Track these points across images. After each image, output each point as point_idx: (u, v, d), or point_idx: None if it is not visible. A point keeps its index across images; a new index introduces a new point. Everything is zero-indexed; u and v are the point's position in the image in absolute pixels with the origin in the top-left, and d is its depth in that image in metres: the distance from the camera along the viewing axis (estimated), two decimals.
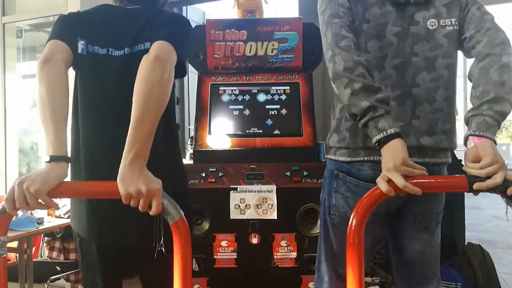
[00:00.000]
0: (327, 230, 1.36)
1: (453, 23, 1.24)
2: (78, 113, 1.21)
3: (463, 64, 1.45)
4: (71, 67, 1.21)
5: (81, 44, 1.18)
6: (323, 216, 1.37)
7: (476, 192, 1.02)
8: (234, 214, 2.05)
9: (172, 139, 1.26)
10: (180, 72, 1.17)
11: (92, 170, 1.17)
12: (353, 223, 1.00)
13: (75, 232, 1.28)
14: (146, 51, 1.09)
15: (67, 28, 1.20)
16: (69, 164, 1.05)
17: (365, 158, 1.24)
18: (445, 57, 1.24)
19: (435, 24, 1.24)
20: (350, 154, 1.28)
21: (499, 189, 1.00)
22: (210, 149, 2.18)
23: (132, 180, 0.94)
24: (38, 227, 2.43)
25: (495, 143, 1.06)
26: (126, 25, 1.21)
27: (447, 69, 1.25)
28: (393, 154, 1.05)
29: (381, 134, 1.09)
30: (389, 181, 1.02)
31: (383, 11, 1.24)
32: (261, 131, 2.22)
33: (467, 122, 1.13)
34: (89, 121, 1.19)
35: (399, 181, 1.00)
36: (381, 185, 1.01)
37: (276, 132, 2.21)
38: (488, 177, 1.00)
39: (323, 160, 2.25)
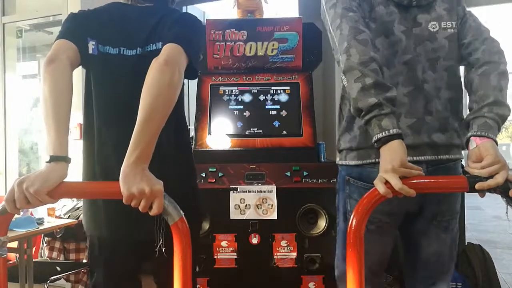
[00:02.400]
0: (345, 237, 1.35)
1: (453, 26, 1.26)
2: (90, 113, 1.21)
3: None
4: (82, 67, 1.21)
5: (91, 45, 1.17)
6: (340, 223, 1.37)
7: (482, 192, 1.02)
8: (234, 214, 2.05)
9: (182, 138, 1.26)
10: (191, 73, 1.17)
11: (107, 169, 1.17)
12: (353, 223, 1.00)
13: (87, 231, 1.28)
14: (158, 51, 1.09)
15: (75, 27, 1.19)
16: (69, 163, 1.05)
17: (377, 160, 1.21)
18: (446, 59, 1.26)
19: (436, 26, 1.25)
20: (360, 156, 1.27)
21: (500, 189, 1.00)
22: (210, 149, 2.18)
23: (135, 181, 0.94)
24: (38, 227, 2.43)
25: (497, 143, 1.07)
26: (137, 24, 1.20)
27: (446, 71, 1.26)
28: (391, 155, 1.05)
29: (383, 133, 1.08)
30: (387, 182, 1.02)
31: (388, 11, 1.25)
32: (261, 131, 2.22)
33: (467, 124, 1.14)
34: (103, 121, 1.19)
35: (396, 183, 1.00)
36: (379, 186, 1.01)
37: (276, 132, 2.20)
38: (490, 177, 1.00)
39: (323, 161, 2.25)
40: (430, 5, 1.26)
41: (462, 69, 1.31)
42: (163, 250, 1.02)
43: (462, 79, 1.30)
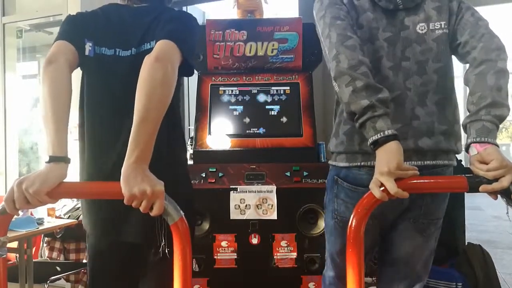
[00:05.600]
0: (332, 233, 1.38)
1: (443, 26, 1.24)
2: (84, 114, 1.21)
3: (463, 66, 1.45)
4: (80, 68, 1.21)
5: (88, 46, 1.18)
6: (327, 219, 1.39)
7: (494, 195, 1.01)
8: (234, 214, 2.05)
9: (175, 136, 1.26)
10: (187, 70, 1.16)
11: (102, 170, 1.17)
12: (353, 224, 1.00)
13: (87, 231, 1.28)
14: (152, 50, 1.08)
15: (73, 29, 1.20)
16: (69, 164, 1.05)
17: (363, 163, 1.25)
18: (435, 61, 1.25)
19: (424, 28, 1.25)
20: (348, 159, 1.28)
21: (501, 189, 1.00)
22: (210, 150, 2.18)
23: (136, 182, 0.94)
24: (38, 227, 2.43)
25: (498, 146, 1.06)
26: (132, 24, 1.21)
27: (436, 73, 1.25)
28: (388, 157, 1.04)
29: (378, 134, 1.07)
30: (382, 185, 1.01)
31: (375, 16, 1.25)
32: (261, 131, 2.22)
33: (465, 128, 1.13)
34: (97, 122, 1.19)
35: (391, 187, 1.00)
36: (374, 191, 1.01)
37: (276, 132, 2.20)
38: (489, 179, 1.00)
39: (323, 161, 2.25)
40: (418, 6, 1.25)
41: (458, 68, 1.30)
42: (166, 251, 1.02)
43: (457, 79, 1.29)
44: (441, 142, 1.24)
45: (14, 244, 2.37)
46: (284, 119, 2.23)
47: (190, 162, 2.21)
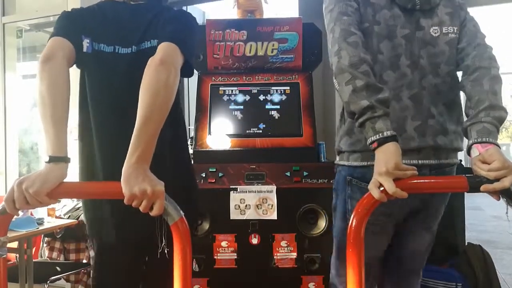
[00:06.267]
0: (344, 236, 1.35)
1: (455, 31, 1.27)
2: (86, 112, 1.21)
3: None
4: (76, 65, 1.20)
5: (86, 43, 1.17)
6: (338, 223, 1.37)
7: (496, 195, 1.02)
8: (234, 215, 2.05)
9: (178, 134, 1.26)
10: (187, 71, 1.17)
11: (107, 169, 1.17)
12: (353, 223, 1.00)
13: (90, 233, 1.28)
14: (153, 48, 1.10)
15: (70, 25, 1.19)
16: (69, 163, 1.05)
17: None
18: (447, 64, 1.26)
19: (437, 31, 1.26)
20: (363, 158, 1.26)
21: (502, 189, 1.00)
22: (210, 150, 2.18)
23: (137, 181, 0.94)
24: (38, 228, 2.43)
25: (500, 147, 1.06)
26: (131, 22, 1.20)
27: (448, 76, 1.27)
28: (386, 158, 1.04)
29: (377, 135, 1.08)
30: (381, 186, 1.02)
31: (392, 14, 1.25)
32: (261, 131, 2.22)
33: (465, 131, 1.14)
34: (99, 121, 1.19)
35: (390, 187, 1.00)
36: (373, 192, 1.01)
37: (276, 132, 2.20)
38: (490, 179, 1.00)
39: (323, 161, 2.25)
40: (433, 10, 1.26)
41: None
42: (166, 251, 1.02)
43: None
44: (454, 141, 1.27)
45: (14, 244, 2.37)
46: (284, 119, 2.23)
47: None
